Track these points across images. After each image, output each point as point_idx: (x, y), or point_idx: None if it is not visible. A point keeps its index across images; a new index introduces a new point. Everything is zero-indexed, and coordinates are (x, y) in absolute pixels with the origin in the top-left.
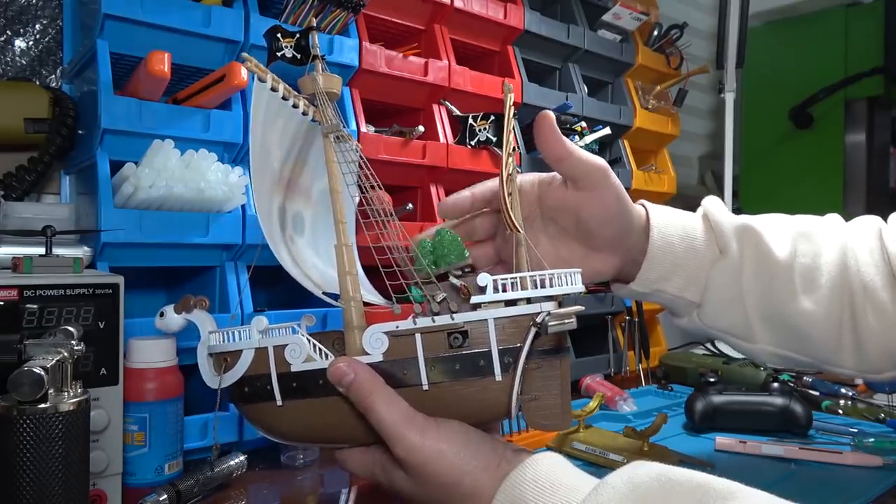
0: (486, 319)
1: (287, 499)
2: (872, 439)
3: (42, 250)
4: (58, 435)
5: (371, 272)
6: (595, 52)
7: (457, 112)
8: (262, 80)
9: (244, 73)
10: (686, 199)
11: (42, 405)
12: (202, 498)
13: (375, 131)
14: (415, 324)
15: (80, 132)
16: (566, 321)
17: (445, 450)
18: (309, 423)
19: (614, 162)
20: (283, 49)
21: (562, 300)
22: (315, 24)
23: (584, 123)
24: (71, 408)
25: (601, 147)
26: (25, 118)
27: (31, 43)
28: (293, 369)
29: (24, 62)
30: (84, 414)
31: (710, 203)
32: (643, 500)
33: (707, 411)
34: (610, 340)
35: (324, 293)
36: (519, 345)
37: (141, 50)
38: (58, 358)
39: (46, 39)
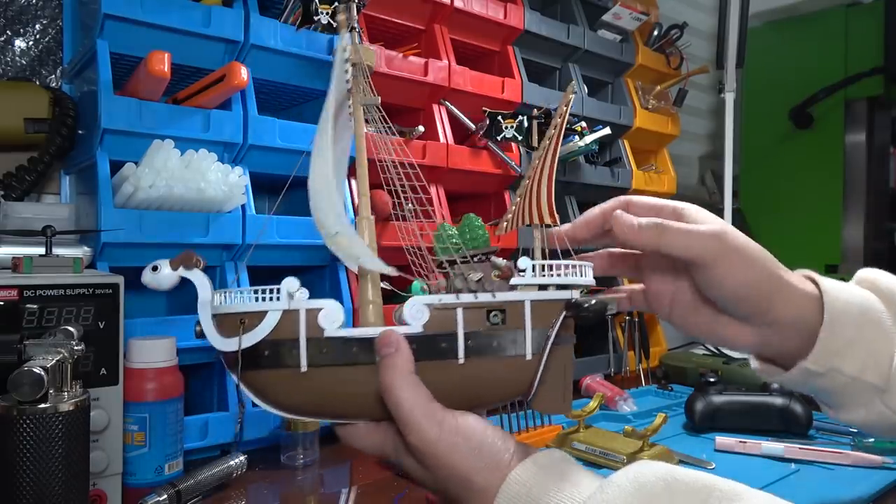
0: (524, 301)
1: (287, 499)
2: (872, 439)
3: (42, 250)
4: (58, 435)
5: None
6: (595, 52)
7: (457, 113)
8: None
9: (244, 73)
10: (686, 200)
11: (42, 405)
12: (202, 498)
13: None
14: (457, 298)
15: (80, 132)
16: (610, 306)
17: (461, 444)
18: (327, 393)
19: (614, 162)
20: (319, 14)
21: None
22: None
23: (584, 123)
24: (71, 408)
25: (601, 147)
26: (25, 118)
27: (31, 43)
28: (327, 334)
29: (24, 62)
30: (84, 414)
31: (876, 273)
32: (648, 499)
33: (707, 411)
34: (610, 340)
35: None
36: (551, 324)
37: (141, 50)
38: (58, 358)
39: (46, 39)
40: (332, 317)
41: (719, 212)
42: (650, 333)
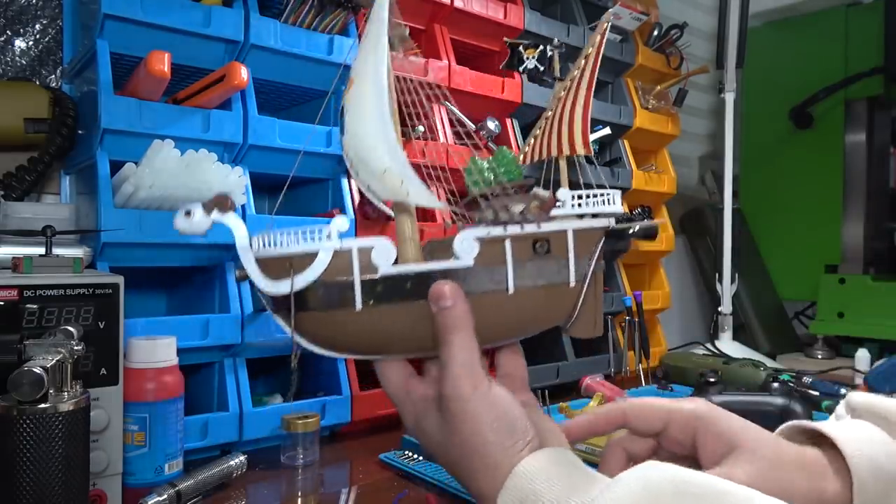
0: (567, 230)
1: (287, 499)
2: None
3: (42, 250)
4: (58, 435)
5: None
6: None
7: (458, 112)
8: None
9: (244, 73)
10: (686, 200)
11: (42, 405)
12: (202, 498)
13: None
14: (505, 230)
15: (80, 132)
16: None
17: (483, 414)
18: (379, 330)
19: (614, 162)
20: None
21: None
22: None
23: None
24: (71, 408)
25: (601, 147)
26: (25, 118)
27: (31, 43)
28: (382, 272)
29: (24, 62)
30: (84, 414)
31: (869, 399)
32: (656, 499)
33: None
34: (610, 340)
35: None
36: (591, 252)
37: (141, 50)
38: (58, 358)
39: (46, 39)
40: (385, 254)
41: (719, 212)
42: (650, 333)
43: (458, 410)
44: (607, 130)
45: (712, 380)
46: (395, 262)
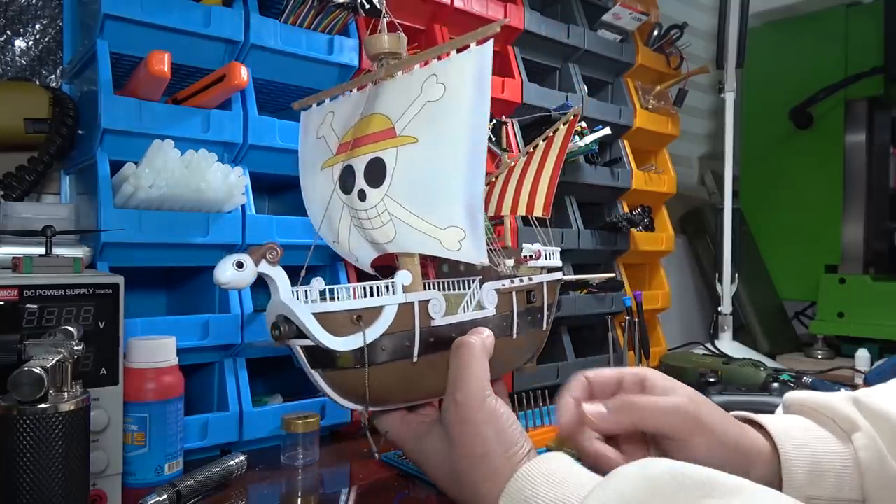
0: (543, 282)
1: (287, 499)
2: None
3: (42, 250)
4: (58, 435)
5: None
6: (595, 52)
7: None
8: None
9: (244, 73)
10: (686, 199)
11: (42, 405)
12: (202, 498)
13: None
14: (512, 283)
15: (80, 132)
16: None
17: (488, 423)
18: (416, 380)
19: (614, 162)
20: None
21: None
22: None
23: (584, 123)
24: (71, 408)
25: (601, 147)
26: (25, 118)
27: (31, 43)
28: (434, 324)
29: (24, 62)
30: (84, 414)
31: (801, 394)
32: (654, 490)
33: None
34: (610, 340)
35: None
36: (553, 300)
37: (141, 50)
38: (58, 358)
39: (46, 39)
40: (439, 307)
41: (719, 212)
42: (650, 333)
43: (467, 418)
44: (607, 130)
45: (712, 380)
46: None
